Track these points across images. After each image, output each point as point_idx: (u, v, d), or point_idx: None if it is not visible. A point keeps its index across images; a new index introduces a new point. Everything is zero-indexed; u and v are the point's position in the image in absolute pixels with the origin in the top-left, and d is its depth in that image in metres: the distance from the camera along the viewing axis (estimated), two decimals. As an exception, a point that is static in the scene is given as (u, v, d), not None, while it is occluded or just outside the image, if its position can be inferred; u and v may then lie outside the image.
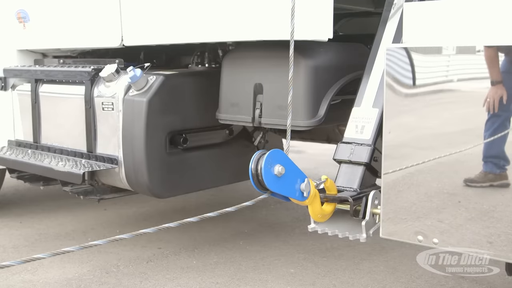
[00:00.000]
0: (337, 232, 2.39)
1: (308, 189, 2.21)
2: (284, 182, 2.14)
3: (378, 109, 2.41)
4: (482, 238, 2.00)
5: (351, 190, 2.39)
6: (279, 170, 2.10)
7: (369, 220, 2.31)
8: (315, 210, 2.29)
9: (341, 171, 2.48)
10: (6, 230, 4.10)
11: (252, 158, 2.11)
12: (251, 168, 2.10)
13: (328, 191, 2.35)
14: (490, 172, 1.96)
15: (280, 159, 2.14)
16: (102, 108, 3.18)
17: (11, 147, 3.84)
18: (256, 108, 2.94)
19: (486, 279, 3.19)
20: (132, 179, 3.08)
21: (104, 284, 3.14)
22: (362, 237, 2.30)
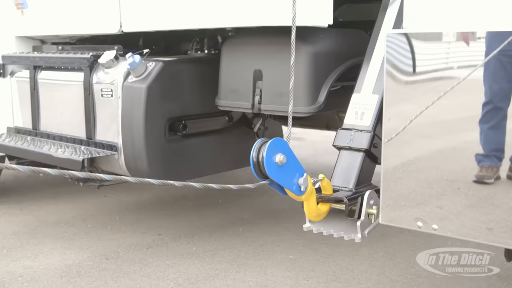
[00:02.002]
0: (332, 232, 2.38)
1: (305, 184, 2.20)
2: (284, 173, 2.14)
3: (378, 95, 2.40)
4: (482, 225, 2.01)
5: (346, 190, 2.37)
6: (281, 159, 2.10)
7: (364, 220, 2.31)
8: (310, 208, 2.27)
9: (341, 158, 2.47)
10: (6, 217, 4.11)
11: (254, 145, 2.10)
12: (253, 156, 2.09)
13: (324, 191, 2.33)
14: (495, 166, 1.96)
15: (282, 148, 2.13)
16: (101, 94, 3.17)
17: (10, 134, 3.84)
18: (256, 94, 2.93)
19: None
20: (132, 166, 3.07)
21: (104, 270, 3.15)
22: (357, 237, 2.30)
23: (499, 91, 1.94)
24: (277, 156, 2.09)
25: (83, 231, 3.81)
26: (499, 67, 1.94)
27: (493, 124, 1.95)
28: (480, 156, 1.98)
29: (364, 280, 3.01)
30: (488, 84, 1.95)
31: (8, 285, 2.93)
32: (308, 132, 7.18)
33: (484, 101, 1.96)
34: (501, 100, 1.93)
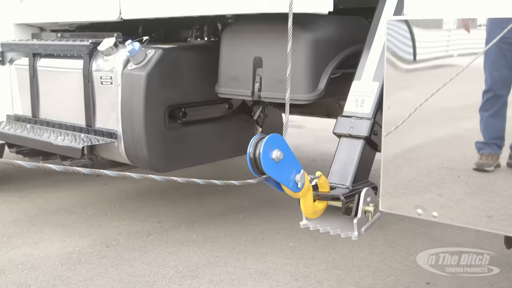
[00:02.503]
0: (329, 229, 2.37)
1: (302, 181, 2.19)
2: (281, 169, 2.12)
3: (379, 82, 2.39)
4: (481, 212, 2.01)
5: (343, 187, 2.37)
6: (277, 155, 2.08)
7: (361, 218, 2.30)
8: (307, 205, 2.26)
9: (341, 146, 2.47)
10: (6, 205, 4.11)
11: (251, 141, 2.08)
12: (249, 152, 2.08)
13: (321, 188, 2.32)
14: (495, 153, 1.96)
15: (279, 144, 2.12)
16: (101, 82, 3.16)
17: (10, 122, 3.83)
18: (256, 82, 2.92)
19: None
20: (131, 153, 3.07)
21: (105, 257, 3.15)
22: (354, 235, 2.30)
23: (499, 79, 1.93)
24: (274, 152, 2.08)
25: (83, 219, 3.81)
26: (500, 55, 1.93)
27: (493, 112, 1.95)
28: (480, 144, 1.98)
29: (364, 267, 3.02)
30: (488, 72, 1.95)
31: (8, 272, 2.94)
32: (308, 119, 7.18)
33: (484, 89, 1.96)
34: (501, 87, 1.93)
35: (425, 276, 2.91)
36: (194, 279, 2.89)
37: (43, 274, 2.93)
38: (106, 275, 2.92)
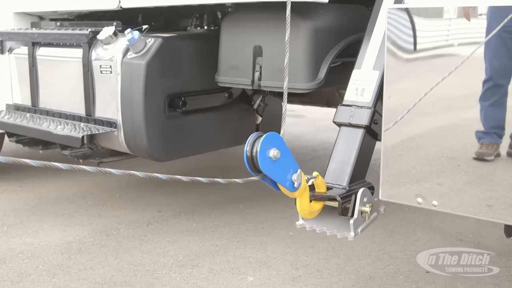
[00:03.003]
0: (325, 229, 2.37)
1: (299, 180, 2.18)
2: (278, 168, 2.12)
3: (379, 71, 2.39)
4: (481, 202, 2.01)
5: (340, 187, 2.36)
6: (275, 154, 2.07)
7: (357, 218, 2.30)
8: (303, 205, 2.25)
9: (341, 135, 2.46)
10: (6, 194, 4.12)
11: (248, 139, 2.08)
12: (246, 150, 2.07)
13: (318, 189, 2.31)
14: (495, 143, 1.95)
15: (277, 143, 2.11)
16: (100, 71, 3.15)
17: (10, 111, 3.83)
18: (256, 70, 2.91)
19: (483, 242, 3.22)
20: (131, 143, 3.07)
21: (105, 246, 3.16)
22: (350, 236, 2.30)
23: (500, 68, 1.93)
24: (271, 151, 2.07)
25: (83, 208, 3.82)
26: (500, 44, 1.92)
27: (493, 101, 1.95)
28: (481, 133, 1.98)
29: (363, 257, 3.03)
30: (488, 61, 1.94)
31: (9, 261, 2.94)
32: (308, 109, 7.17)
33: (484, 78, 1.95)
34: (502, 77, 1.92)
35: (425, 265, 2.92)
36: (194, 268, 2.89)
37: (44, 263, 2.93)
38: (106, 264, 2.93)
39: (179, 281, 2.73)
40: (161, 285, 2.69)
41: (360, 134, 2.40)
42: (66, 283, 2.71)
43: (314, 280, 2.75)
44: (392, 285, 2.70)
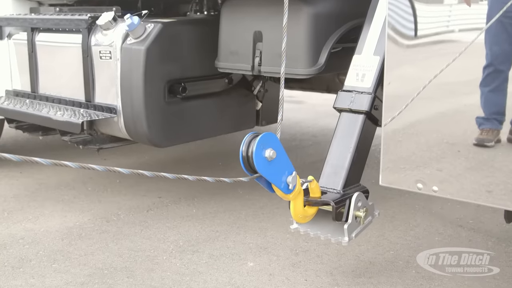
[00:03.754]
0: (319, 234, 2.37)
1: (294, 183, 2.16)
2: (273, 169, 2.10)
3: (379, 56, 2.38)
4: (481, 187, 2.01)
5: (334, 191, 2.36)
6: (270, 154, 2.06)
7: (351, 223, 2.30)
8: (296, 209, 2.24)
9: (341, 121, 2.45)
10: (6, 180, 4.12)
11: (244, 139, 2.07)
12: (242, 150, 2.06)
13: (312, 194, 2.31)
14: (495, 129, 1.95)
15: (273, 143, 2.10)
16: (100, 57, 3.14)
17: (9, 97, 3.82)
18: (256, 56, 2.91)
19: (483, 228, 3.22)
20: (131, 128, 3.06)
21: (105, 232, 3.17)
22: (344, 241, 2.30)
23: (500, 54, 1.92)
24: (267, 151, 2.06)
25: (84, 194, 3.82)
26: (501, 29, 1.91)
27: (493, 87, 1.94)
28: (481, 119, 1.98)
29: (363, 242, 3.03)
30: (489, 47, 1.93)
31: (9, 247, 2.95)
32: (308, 95, 7.16)
33: (485, 64, 1.94)
34: (502, 62, 1.91)
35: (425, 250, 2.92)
36: (194, 254, 2.90)
37: (44, 249, 2.94)
38: (106, 250, 2.94)
39: (179, 267, 2.74)
40: (161, 270, 2.70)
41: (360, 120, 2.40)
42: (66, 268, 2.72)
43: (314, 266, 2.76)
44: (392, 270, 2.71)
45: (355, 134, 2.39)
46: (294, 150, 5.05)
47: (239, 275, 2.66)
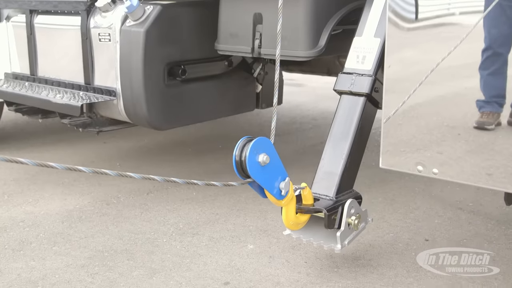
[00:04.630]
0: (312, 240, 2.36)
1: (287, 189, 2.15)
2: (266, 174, 2.09)
3: (380, 38, 2.37)
4: (481, 170, 2.01)
5: (327, 198, 2.35)
6: (264, 159, 2.05)
7: (344, 231, 2.30)
8: (288, 215, 2.23)
9: (341, 103, 2.45)
10: (6, 163, 4.10)
11: (238, 143, 2.06)
12: (235, 154, 2.05)
13: (305, 201, 2.30)
14: (496, 112, 1.95)
15: (266, 148, 2.08)
16: (99, 39, 3.12)
17: (8, 80, 3.80)
18: (256, 38, 2.89)
19: (483, 210, 3.23)
20: (131, 111, 3.06)
21: (105, 215, 3.17)
22: (336, 248, 2.30)
23: (499, 37, 1.91)
24: (261, 156, 2.05)
25: (84, 177, 3.82)
26: (499, 12, 1.90)
27: (493, 70, 1.94)
28: (481, 102, 1.97)
29: (363, 225, 3.04)
30: (487, 30, 1.92)
31: (9, 229, 2.96)
32: (308, 78, 7.14)
33: (483, 47, 1.94)
34: (501, 45, 1.91)
35: (425, 233, 2.93)
36: (194, 236, 2.91)
37: (44, 232, 2.95)
38: (106, 233, 2.94)
39: (179, 249, 2.75)
40: (162, 253, 2.71)
41: (361, 102, 2.39)
42: (67, 251, 2.73)
43: (313, 248, 2.76)
44: (392, 253, 2.71)
45: (356, 117, 2.39)
46: (295, 133, 5.05)
47: (239, 257, 2.67)
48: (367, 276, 2.49)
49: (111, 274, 2.51)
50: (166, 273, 2.52)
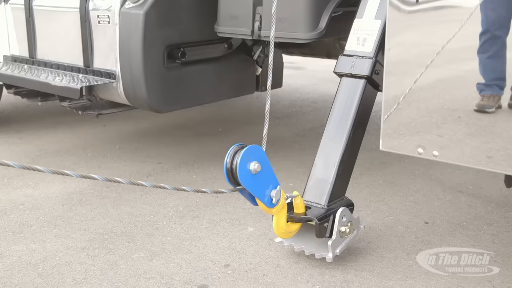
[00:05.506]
0: (303, 248, 2.36)
1: (278, 197, 2.13)
2: (257, 182, 2.07)
3: (381, 20, 2.35)
4: (481, 153, 2.01)
5: (318, 206, 2.34)
6: (255, 167, 2.03)
7: (336, 239, 2.29)
8: (279, 223, 2.22)
9: (342, 85, 2.44)
10: (6, 147, 4.11)
11: (229, 151, 2.04)
12: (226, 161, 2.03)
13: (296, 210, 2.29)
14: (496, 95, 1.94)
15: (258, 156, 2.06)
16: (98, 21, 3.11)
17: (7, 63, 3.79)
18: (256, 20, 2.88)
19: (483, 193, 3.23)
20: (130, 94, 3.05)
21: (105, 198, 3.17)
22: (328, 257, 2.29)
23: (497, 19, 1.90)
24: (252, 164, 2.03)
25: (83, 160, 3.82)
26: None
27: (491, 54, 1.93)
28: (482, 85, 1.97)
29: (363, 207, 3.04)
30: (485, 13, 1.92)
31: (10, 212, 2.96)
32: (308, 61, 7.12)
33: (481, 30, 1.93)
34: (499, 28, 1.90)
35: (424, 215, 2.93)
36: (194, 219, 2.91)
37: (44, 214, 2.95)
38: (107, 215, 2.95)
39: (179, 232, 2.75)
40: (162, 235, 2.71)
41: (361, 85, 2.38)
42: (67, 233, 2.73)
43: (313, 231, 2.77)
44: (391, 235, 2.72)
45: (356, 99, 2.38)
46: (295, 116, 5.04)
47: (239, 240, 2.67)
48: (366, 259, 2.50)
49: (111, 256, 2.52)
50: (166, 256, 2.52)
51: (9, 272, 2.37)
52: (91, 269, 2.40)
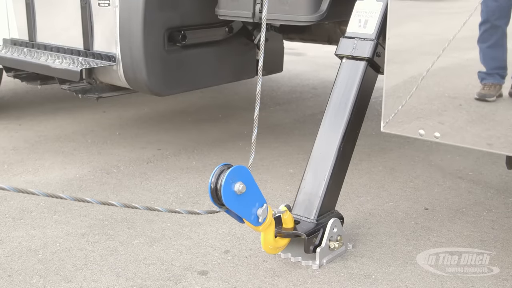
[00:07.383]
0: (290, 256, 2.33)
1: (264, 215, 2.11)
2: (242, 202, 2.04)
3: (383, 2, 2.33)
4: (482, 140, 2.00)
5: (307, 220, 2.32)
6: (240, 188, 2.00)
7: (324, 248, 2.28)
8: (267, 239, 2.19)
9: (342, 67, 2.41)
10: (5, 132, 4.10)
11: (214, 171, 2.02)
12: (211, 182, 2.00)
13: (285, 225, 2.27)
14: (497, 83, 1.93)
15: (243, 176, 2.04)
16: (98, 4, 3.08)
17: (7, 46, 3.77)
18: (257, 3, 2.85)
19: (483, 179, 3.22)
20: (130, 77, 3.03)
21: (105, 184, 3.16)
22: (315, 265, 2.28)
23: (496, 9, 1.89)
24: (237, 184, 2.00)
25: (83, 146, 3.81)
26: None
27: (492, 43, 1.92)
28: (483, 74, 1.96)
29: (363, 194, 3.03)
30: (484, 3, 1.90)
31: (10, 198, 2.95)
32: (308, 47, 7.09)
33: (480, 20, 1.92)
34: (499, 18, 1.89)
35: (424, 202, 2.93)
36: (194, 205, 2.90)
37: (44, 200, 2.94)
38: (106, 200, 2.94)
39: (179, 218, 2.75)
40: (161, 221, 2.71)
41: (362, 67, 2.36)
42: (67, 219, 2.73)
43: (313, 216, 2.76)
44: (391, 221, 2.72)
45: (356, 82, 2.36)
46: (295, 102, 5.02)
47: (239, 226, 2.67)
48: (366, 245, 2.49)
49: (111, 242, 2.51)
50: (166, 242, 2.52)
51: (10, 258, 2.37)
52: (91, 255, 2.40)
